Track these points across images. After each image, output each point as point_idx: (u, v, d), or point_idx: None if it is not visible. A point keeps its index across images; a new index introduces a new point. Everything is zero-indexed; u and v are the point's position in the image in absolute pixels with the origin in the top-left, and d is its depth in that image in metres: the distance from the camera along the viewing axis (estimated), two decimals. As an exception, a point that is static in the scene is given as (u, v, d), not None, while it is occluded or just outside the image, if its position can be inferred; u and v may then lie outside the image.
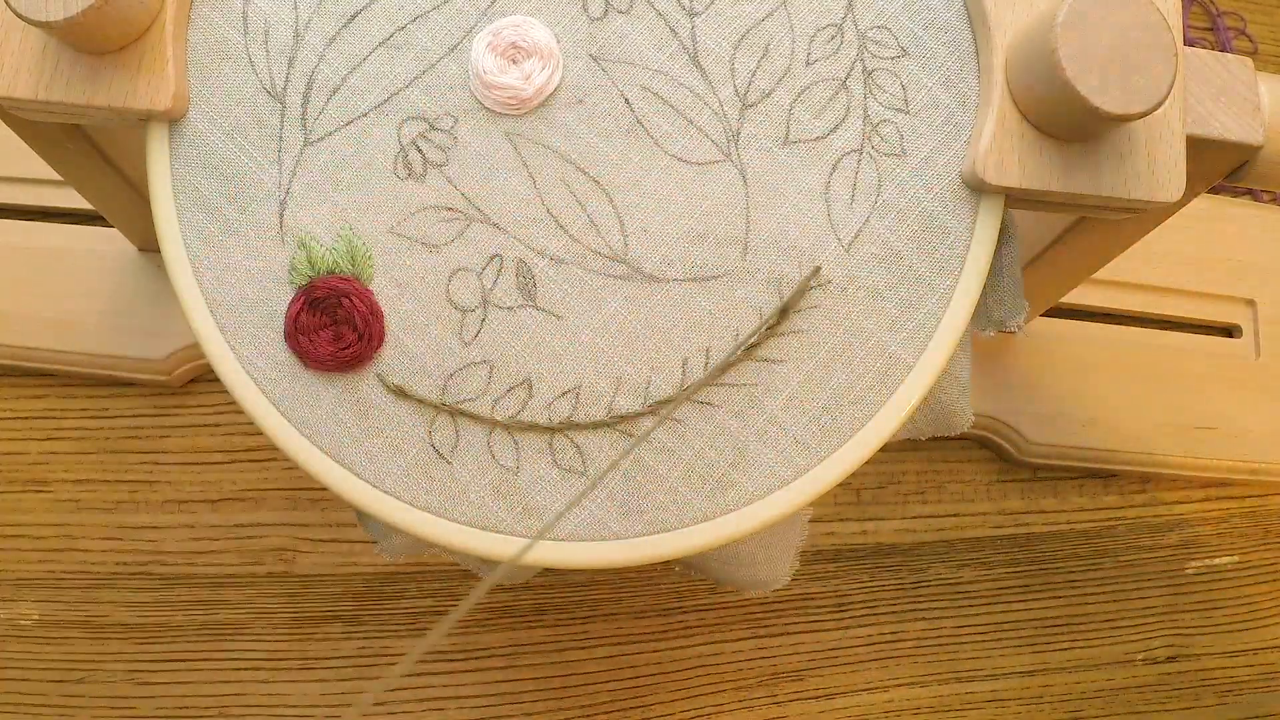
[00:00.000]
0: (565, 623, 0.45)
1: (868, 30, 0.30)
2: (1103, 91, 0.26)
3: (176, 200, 0.29)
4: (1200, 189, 0.33)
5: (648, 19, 0.29)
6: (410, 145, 0.29)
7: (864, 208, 0.29)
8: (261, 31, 0.29)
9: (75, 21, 0.26)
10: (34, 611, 0.44)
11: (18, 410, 0.46)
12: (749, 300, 0.29)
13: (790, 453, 0.29)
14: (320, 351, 0.29)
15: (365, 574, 0.45)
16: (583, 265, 0.29)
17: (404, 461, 0.29)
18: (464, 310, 0.29)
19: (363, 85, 0.29)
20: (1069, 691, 0.47)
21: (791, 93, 0.29)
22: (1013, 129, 0.28)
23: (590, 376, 0.29)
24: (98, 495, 0.45)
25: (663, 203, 0.29)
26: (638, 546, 0.29)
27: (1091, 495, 0.50)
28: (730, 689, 0.45)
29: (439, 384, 0.29)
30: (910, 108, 0.29)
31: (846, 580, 0.47)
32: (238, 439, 0.46)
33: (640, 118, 0.29)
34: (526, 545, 0.29)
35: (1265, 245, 0.53)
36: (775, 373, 0.29)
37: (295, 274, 0.29)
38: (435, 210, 0.29)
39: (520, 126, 0.29)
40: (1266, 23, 0.58)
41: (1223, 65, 0.31)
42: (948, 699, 0.46)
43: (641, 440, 0.29)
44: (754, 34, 0.29)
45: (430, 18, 0.29)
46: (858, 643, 0.46)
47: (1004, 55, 0.29)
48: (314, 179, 0.29)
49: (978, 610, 0.47)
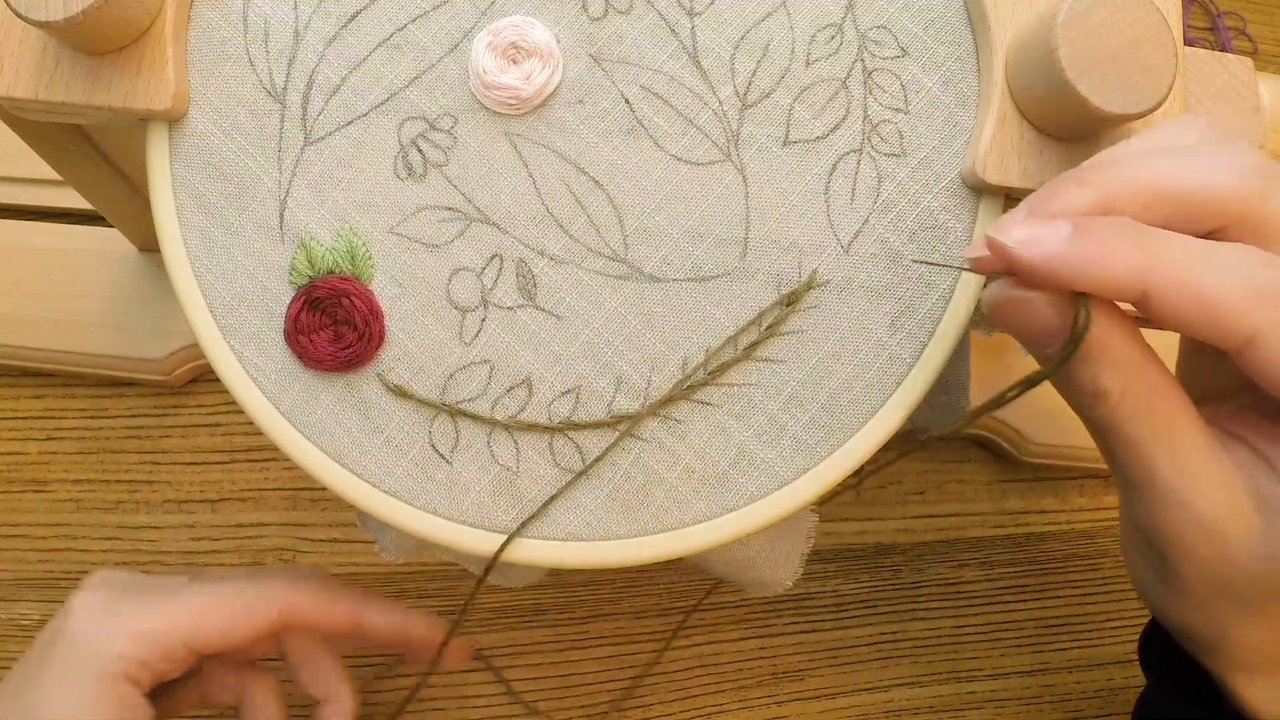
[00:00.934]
0: (565, 623, 0.45)
1: (868, 30, 0.30)
2: (1103, 91, 0.26)
3: (176, 200, 0.29)
4: (1200, 189, 0.33)
5: (648, 19, 0.29)
6: (410, 145, 0.29)
7: (864, 208, 0.29)
8: (261, 31, 0.29)
9: (75, 21, 0.26)
10: (34, 611, 0.44)
11: (18, 410, 0.46)
12: (749, 300, 0.29)
13: (790, 453, 0.29)
14: (320, 351, 0.29)
15: (365, 574, 0.45)
16: (583, 265, 0.29)
17: (404, 461, 0.29)
18: (464, 310, 0.29)
19: (363, 85, 0.29)
20: (1069, 691, 0.47)
21: (791, 93, 0.29)
22: (1013, 129, 0.28)
23: (590, 376, 0.29)
24: (98, 495, 0.45)
25: (663, 203, 0.29)
26: (638, 546, 0.29)
27: (1092, 495, 0.50)
28: (730, 689, 0.45)
29: (439, 384, 0.29)
30: (910, 108, 0.29)
31: (846, 580, 0.47)
32: (238, 439, 0.46)
33: (640, 118, 0.29)
34: (509, 537, 0.29)
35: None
36: (775, 373, 0.29)
37: (295, 274, 0.29)
38: (435, 210, 0.29)
39: (520, 126, 0.29)
40: (1266, 23, 0.58)
41: (1223, 65, 0.31)
42: (948, 699, 0.46)
43: (631, 428, 0.29)
44: (754, 34, 0.29)
45: (430, 17, 0.29)
46: (858, 643, 0.46)
47: (1004, 55, 0.29)
48: (314, 179, 0.29)
49: (978, 610, 0.47)
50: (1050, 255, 0.23)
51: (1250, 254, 0.23)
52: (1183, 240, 0.23)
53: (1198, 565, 0.26)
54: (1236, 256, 0.23)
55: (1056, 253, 0.23)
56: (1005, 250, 0.23)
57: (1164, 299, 0.23)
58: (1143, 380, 0.25)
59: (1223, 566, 0.26)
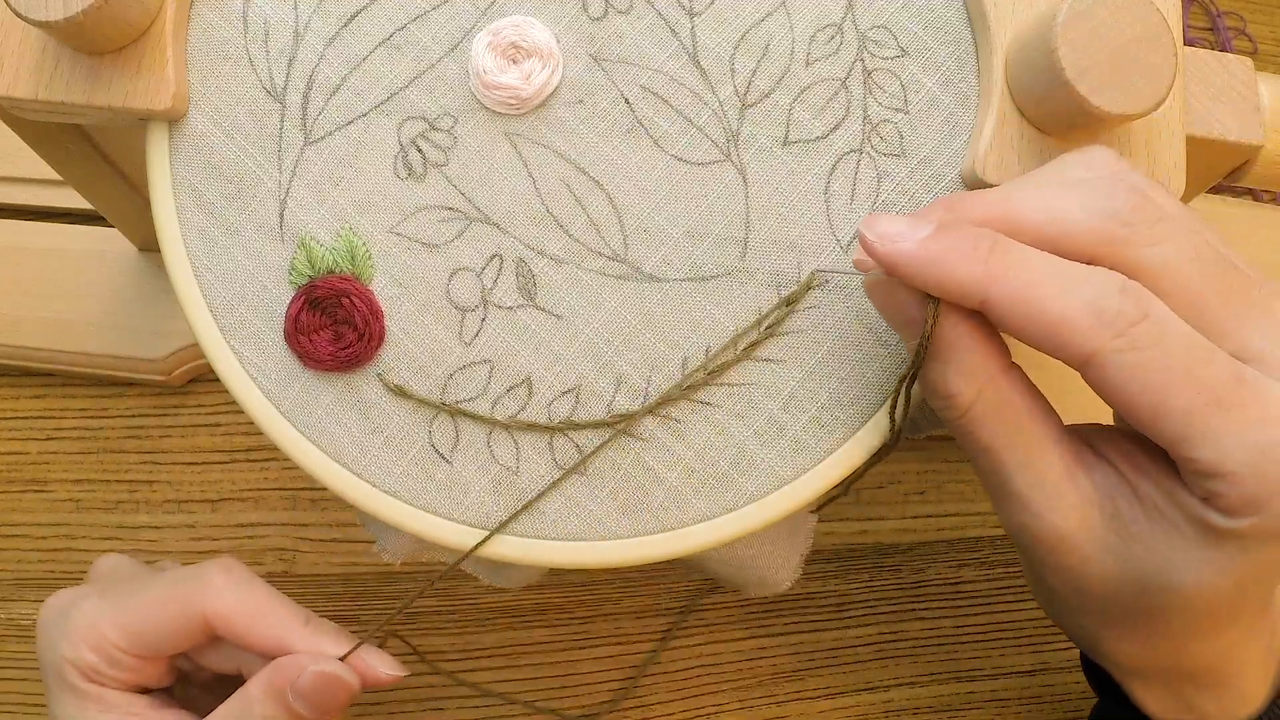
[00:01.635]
0: (565, 623, 0.45)
1: (867, 30, 0.30)
2: (1103, 91, 0.26)
3: (176, 200, 0.29)
4: (1200, 189, 0.33)
5: (648, 19, 0.29)
6: (410, 145, 0.29)
7: (864, 208, 0.29)
8: (261, 31, 0.29)
9: (75, 21, 0.26)
10: (34, 611, 0.44)
11: (18, 410, 0.46)
12: (749, 300, 0.29)
13: (790, 453, 0.29)
14: (320, 351, 0.29)
15: (365, 574, 0.45)
16: (583, 265, 0.29)
17: (404, 461, 0.29)
18: (464, 310, 0.29)
19: (363, 85, 0.29)
20: (1069, 691, 0.47)
21: (791, 93, 0.29)
22: (1012, 129, 0.28)
23: (590, 376, 0.29)
24: (98, 495, 0.45)
25: (662, 202, 0.29)
26: (638, 546, 0.29)
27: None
28: (730, 689, 0.45)
29: (439, 383, 0.29)
30: (910, 108, 0.29)
31: (846, 580, 0.47)
32: (238, 439, 0.46)
33: (640, 118, 0.29)
34: (491, 532, 0.29)
35: (1265, 245, 0.53)
36: (775, 373, 0.29)
37: (295, 274, 0.29)
38: (435, 210, 0.29)
39: (520, 126, 0.29)
40: (1266, 23, 0.58)
41: (1223, 65, 0.31)
42: (948, 699, 0.46)
43: (628, 425, 0.29)
44: (754, 34, 0.29)
45: (430, 17, 0.29)
46: (858, 643, 0.46)
47: (1004, 55, 0.29)
48: (314, 179, 0.29)
49: (978, 610, 0.47)
50: (901, 252, 0.25)
51: (1110, 280, 0.24)
52: (1041, 259, 0.24)
53: (1059, 575, 0.27)
54: (1092, 279, 0.24)
55: (907, 251, 0.24)
56: (865, 242, 0.25)
57: (1001, 310, 0.24)
58: (997, 389, 0.26)
59: (1080, 580, 0.26)
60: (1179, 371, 0.23)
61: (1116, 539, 0.25)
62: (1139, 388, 0.23)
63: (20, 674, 0.43)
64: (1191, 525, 0.24)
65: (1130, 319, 0.23)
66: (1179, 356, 0.23)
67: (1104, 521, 0.26)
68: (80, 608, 0.30)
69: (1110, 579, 0.26)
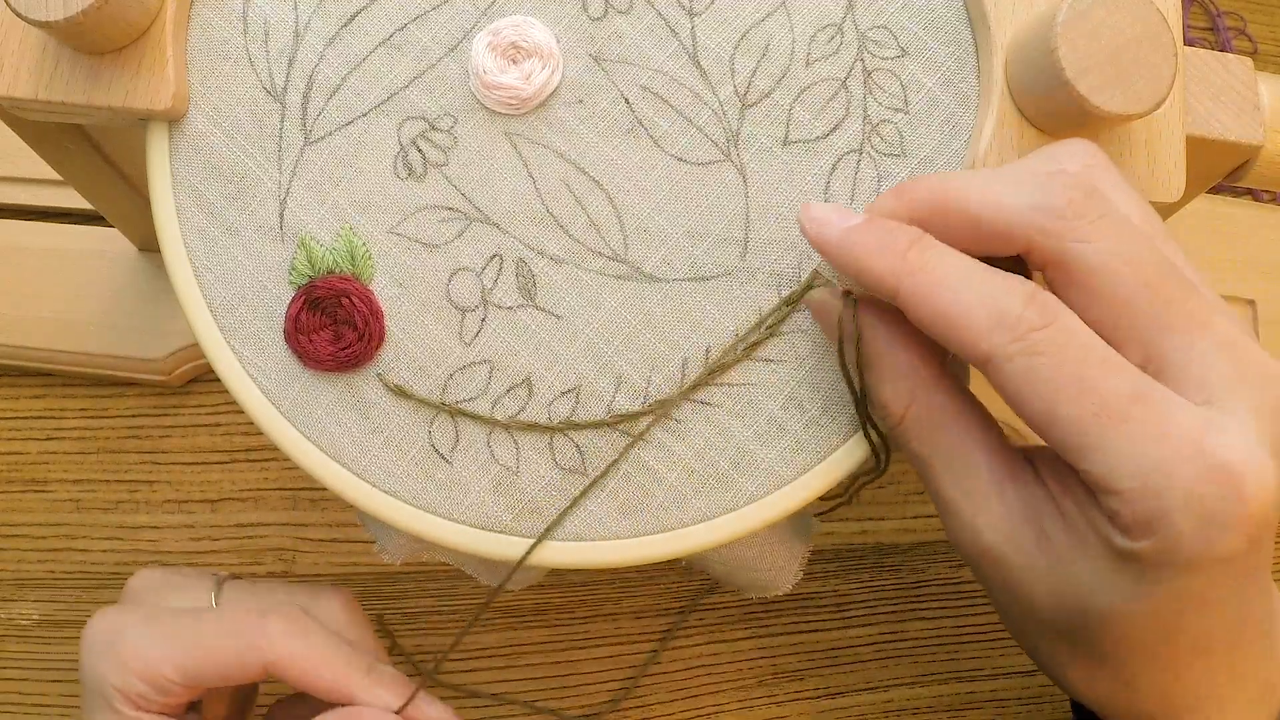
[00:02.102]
0: (565, 623, 0.45)
1: (868, 30, 0.30)
2: (1103, 91, 0.26)
3: (176, 200, 0.29)
4: (1200, 189, 0.33)
5: (648, 19, 0.29)
6: (410, 145, 0.29)
7: (864, 207, 0.29)
8: (261, 31, 0.29)
9: (75, 21, 0.26)
10: (34, 611, 0.44)
11: (18, 410, 0.46)
12: (749, 300, 0.29)
13: (790, 453, 0.29)
14: (320, 351, 0.29)
15: (365, 574, 0.45)
16: (583, 265, 0.29)
17: (404, 461, 0.29)
18: (464, 310, 0.29)
19: (363, 85, 0.29)
20: (1069, 691, 0.47)
21: (791, 93, 0.29)
22: (1013, 129, 0.28)
23: (590, 376, 0.29)
24: (98, 495, 0.45)
25: (662, 202, 0.29)
26: (638, 546, 0.29)
27: (1091, 495, 0.50)
28: (730, 689, 0.45)
29: (439, 384, 0.29)
30: (910, 108, 0.29)
31: (846, 580, 0.47)
32: (238, 439, 0.46)
33: (640, 118, 0.29)
34: (533, 544, 0.29)
35: (1265, 245, 0.53)
36: (775, 373, 0.29)
37: (295, 274, 0.29)
38: (435, 210, 0.29)
39: (520, 126, 0.29)
40: (1266, 23, 0.58)
41: (1223, 65, 0.31)
42: (948, 699, 0.46)
43: (640, 437, 0.29)
44: (754, 34, 0.29)
45: (430, 17, 0.29)
46: (858, 643, 0.46)
47: (1004, 55, 0.29)
48: (314, 179, 0.29)
49: (978, 610, 0.47)
50: (827, 237, 0.26)
51: (1018, 286, 0.24)
52: (956, 259, 0.25)
53: (1004, 593, 0.26)
54: (1001, 283, 0.24)
55: (833, 237, 0.26)
56: (801, 226, 0.27)
57: (909, 304, 0.24)
58: (930, 400, 0.26)
59: (1026, 601, 0.26)
60: (1073, 379, 0.23)
61: (1045, 559, 0.25)
62: (1031, 393, 0.23)
63: (20, 674, 0.43)
64: (1101, 545, 0.24)
65: (1031, 325, 0.23)
66: (1075, 364, 0.23)
67: (1035, 540, 0.25)
68: (127, 637, 0.31)
69: (1049, 600, 0.25)
